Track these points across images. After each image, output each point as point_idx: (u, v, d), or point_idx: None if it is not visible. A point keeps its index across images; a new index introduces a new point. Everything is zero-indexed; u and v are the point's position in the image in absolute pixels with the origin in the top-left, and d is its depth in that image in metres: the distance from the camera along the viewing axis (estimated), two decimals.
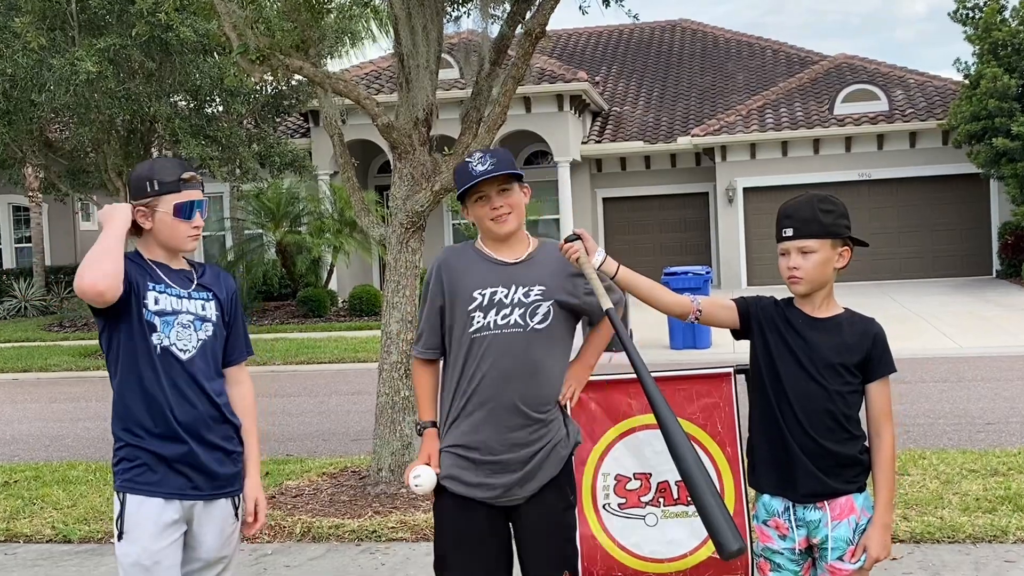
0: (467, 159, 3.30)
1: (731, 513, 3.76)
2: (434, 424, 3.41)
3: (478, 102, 7.13)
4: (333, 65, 24.07)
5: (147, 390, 3.17)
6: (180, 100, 18.10)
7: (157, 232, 3.23)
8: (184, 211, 3.22)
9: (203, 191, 3.32)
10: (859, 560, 3.12)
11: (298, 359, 15.51)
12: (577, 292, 3.34)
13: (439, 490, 3.36)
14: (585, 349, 3.53)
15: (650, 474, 3.78)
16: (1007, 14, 20.99)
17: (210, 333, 3.28)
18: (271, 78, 18.64)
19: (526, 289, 3.27)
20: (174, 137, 17.31)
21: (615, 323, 3.23)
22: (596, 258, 3.26)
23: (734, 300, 3.28)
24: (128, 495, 3.18)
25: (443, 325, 3.34)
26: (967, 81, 21.66)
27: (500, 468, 3.27)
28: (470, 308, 3.26)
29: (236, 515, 3.35)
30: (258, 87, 19.22)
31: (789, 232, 3.11)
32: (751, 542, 3.75)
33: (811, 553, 3.20)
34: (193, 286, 3.29)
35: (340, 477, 7.40)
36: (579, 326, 3.46)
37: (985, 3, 21.21)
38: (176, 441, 3.17)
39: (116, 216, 3.17)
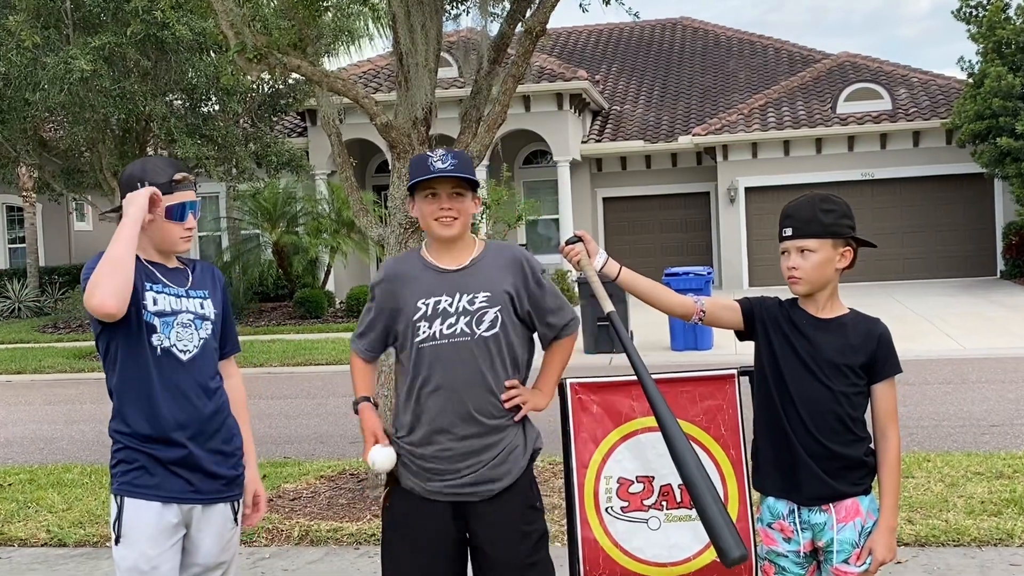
0: (428, 153, 3.26)
1: (734, 518, 3.76)
2: (367, 399, 3.39)
3: (477, 101, 7.13)
4: (330, 64, 24.07)
5: (146, 392, 3.16)
6: (176, 99, 18.13)
7: (150, 234, 3.21)
8: (176, 213, 3.21)
9: (196, 191, 3.31)
10: (864, 563, 3.12)
11: (295, 360, 15.50)
12: (522, 297, 3.30)
13: (392, 486, 3.37)
14: (542, 376, 3.46)
15: (653, 477, 3.77)
16: (1011, 12, 20.98)
17: (210, 332, 3.28)
18: (268, 77, 18.68)
19: (471, 296, 3.23)
20: (169, 136, 17.32)
21: (616, 327, 3.23)
22: (597, 260, 3.27)
23: (738, 301, 3.28)
24: (126, 498, 3.17)
25: (387, 334, 3.35)
26: (971, 80, 21.66)
27: (456, 479, 3.25)
28: (415, 318, 3.24)
29: (235, 520, 3.34)
30: (254, 86, 19.25)
31: (788, 232, 3.13)
32: (755, 545, 3.75)
33: (816, 556, 3.20)
34: (190, 284, 3.29)
35: (338, 480, 7.40)
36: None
37: (989, 1, 21.21)
38: (175, 444, 3.16)
39: (129, 208, 3.13)
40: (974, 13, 21.62)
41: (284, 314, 21.83)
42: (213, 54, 17.15)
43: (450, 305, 3.23)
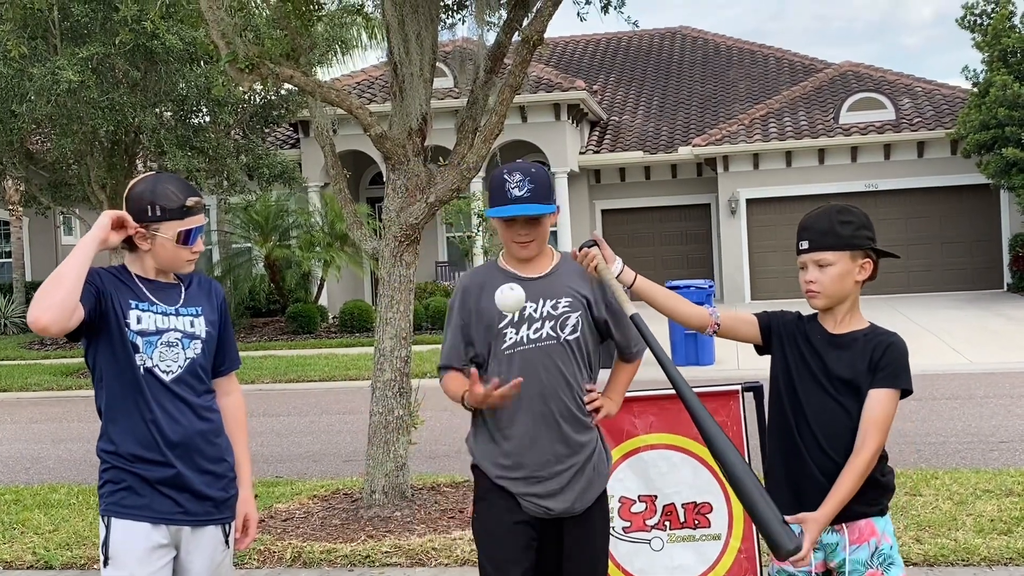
0: (505, 175, 3.32)
1: (741, 536, 3.73)
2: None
3: (474, 111, 7.13)
4: (324, 74, 24.11)
5: (132, 411, 3.14)
6: (165, 110, 18.12)
7: (156, 255, 3.19)
8: (187, 238, 3.21)
9: (206, 213, 3.30)
10: None
11: (287, 377, 15.48)
12: (599, 305, 3.40)
13: (488, 494, 3.38)
14: (613, 386, 3.56)
15: (655, 496, 3.76)
16: (1016, 20, 21.05)
17: (199, 351, 3.24)
18: (260, 87, 18.69)
19: (554, 301, 3.34)
20: (159, 148, 17.34)
21: (641, 328, 3.28)
22: (615, 266, 3.28)
23: (756, 315, 3.28)
24: (114, 519, 3.15)
25: (468, 345, 3.42)
26: (976, 89, 21.71)
27: (552, 487, 3.32)
28: (500, 325, 3.33)
29: (227, 543, 3.32)
30: (246, 97, 19.26)
31: (805, 245, 3.11)
32: (760, 566, 3.73)
33: None
34: (181, 301, 3.25)
35: (332, 500, 7.37)
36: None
37: (994, 9, 21.26)
38: (163, 464, 3.14)
39: (94, 227, 3.12)
40: (978, 21, 21.69)
41: (276, 329, 21.79)
42: (204, 64, 17.16)
43: (535, 311, 3.33)
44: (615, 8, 8.16)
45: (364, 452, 7.18)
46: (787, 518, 3.02)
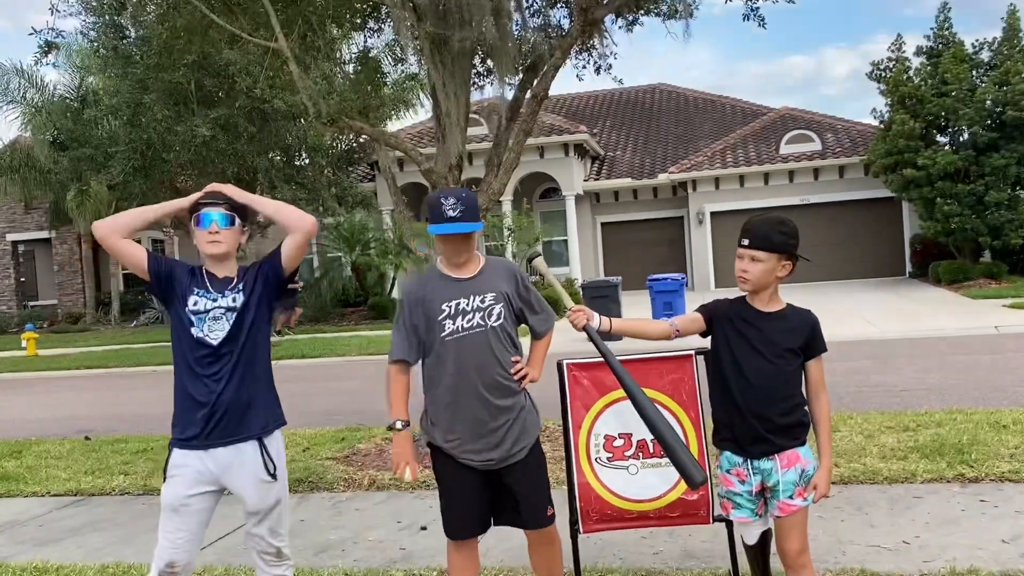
0: (441, 198, 3.17)
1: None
2: (407, 424, 3.34)
3: (498, 150, 7.13)
4: (393, 126, 24.16)
5: (190, 368, 3.13)
6: (275, 155, 18.26)
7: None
8: (200, 221, 3.18)
9: (226, 207, 3.20)
10: (807, 499, 3.08)
11: (369, 351, 15.51)
12: (516, 297, 3.33)
13: (439, 453, 3.31)
14: (532, 358, 3.43)
15: (631, 434, 3.74)
16: (911, 73, 20.79)
17: (234, 319, 3.16)
18: (341, 137, 18.79)
19: (482, 296, 3.25)
20: (272, 184, 17.47)
21: (593, 337, 3.23)
22: (595, 321, 3.24)
23: (697, 311, 3.26)
24: (174, 449, 3.15)
25: (417, 337, 3.29)
26: (882, 125, 21.44)
27: (490, 442, 3.23)
28: (440, 318, 3.23)
29: (272, 476, 3.17)
30: (334, 144, 19.37)
31: (745, 242, 3.08)
32: (712, 485, 3.70)
33: (764, 495, 3.17)
34: (231, 286, 3.21)
35: None
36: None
37: (894, 65, 21.00)
38: (209, 407, 3.10)
39: (184, 199, 3.27)
40: (883, 75, 21.41)
41: (360, 316, 21.89)
42: (303, 121, 17.28)
43: (467, 304, 3.24)
44: (605, 70, 8.13)
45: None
46: (806, 489, 3.07)
